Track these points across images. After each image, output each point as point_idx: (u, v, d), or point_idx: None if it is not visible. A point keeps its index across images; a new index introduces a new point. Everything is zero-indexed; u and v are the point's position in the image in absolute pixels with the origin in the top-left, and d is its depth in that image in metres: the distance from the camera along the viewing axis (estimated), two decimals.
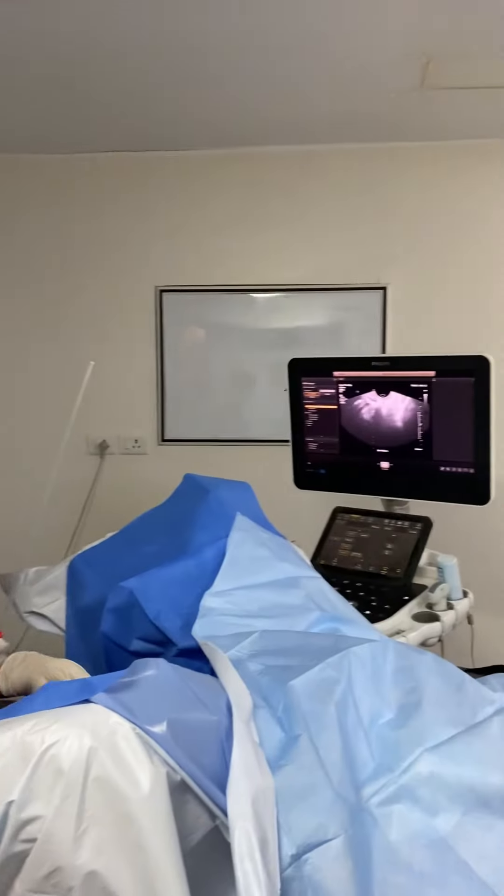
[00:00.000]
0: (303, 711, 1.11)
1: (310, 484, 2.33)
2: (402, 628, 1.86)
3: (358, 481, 2.25)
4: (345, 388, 2.24)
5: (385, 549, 2.12)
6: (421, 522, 2.13)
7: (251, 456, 2.98)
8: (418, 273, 2.91)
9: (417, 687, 1.20)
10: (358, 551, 2.14)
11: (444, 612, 1.92)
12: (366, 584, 2.03)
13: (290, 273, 2.96)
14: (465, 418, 2.03)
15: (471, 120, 2.67)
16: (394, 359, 2.16)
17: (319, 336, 2.98)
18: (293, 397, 2.32)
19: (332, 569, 2.12)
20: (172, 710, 0.98)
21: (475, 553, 2.57)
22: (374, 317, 2.95)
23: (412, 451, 2.14)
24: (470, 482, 2.05)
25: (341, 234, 2.93)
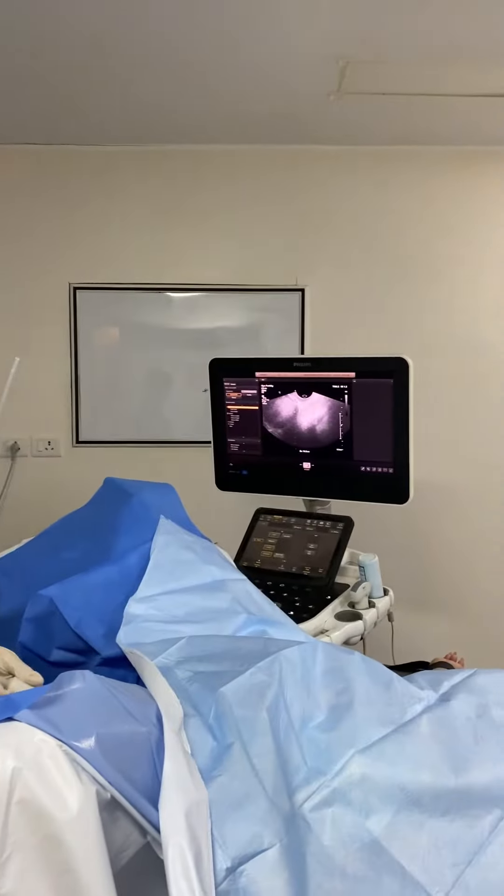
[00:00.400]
0: (234, 718, 1.09)
1: (232, 485, 2.32)
2: (326, 628, 1.87)
3: (280, 482, 2.26)
4: (267, 389, 2.24)
5: (307, 549, 2.13)
6: (342, 522, 2.15)
7: (172, 457, 2.95)
8: (336, 275, 2.95)
9: (348, 687, 1.21)
10: (281, 552, 2.15)
11: (366, 611, 1.95)
12: (289, 585, 2.03)
13: (208, 273, 2.94)
14: (385, 419, 2.06)
15: (385, 126, 2.72)
16: (315, 360, 2.18)
17: (238, 337, 2.98)
18: (214, 398, 2.30)
19: (255, 570, 2.11)
20: (101, 724, 0.95)
21: (395, 551, 2.63)
22: (292, 318, 2.97)
23: (333, 451, 2.16)
24: (389, 482, 2.08)
25: (259, 235, 2.94)
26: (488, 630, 2.95)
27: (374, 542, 2.29)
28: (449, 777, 1.08)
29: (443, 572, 2.98)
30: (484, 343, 2.96)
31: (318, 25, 2.00)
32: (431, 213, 2.94)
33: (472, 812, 1.05)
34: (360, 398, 2.10)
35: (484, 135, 2.80)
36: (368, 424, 2.10)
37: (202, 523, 1.79)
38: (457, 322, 2.96)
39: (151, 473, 2.19)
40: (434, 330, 2.95)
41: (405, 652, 2.20)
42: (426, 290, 2.95)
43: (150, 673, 1.17)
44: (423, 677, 1.31)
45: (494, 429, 2.98)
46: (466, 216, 2.94)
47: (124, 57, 2.19)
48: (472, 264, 2.95)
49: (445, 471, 2.95)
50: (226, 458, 2.32)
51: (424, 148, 2.92)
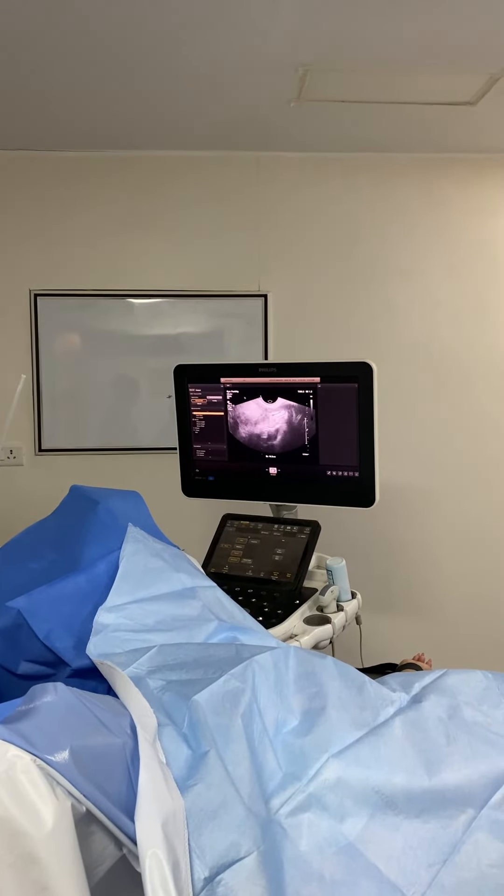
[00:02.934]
0: (209, 726, 1.09)
1: (198, 491, 2.32)
2: (295, 632, 1.88)
3: (247, 487, 2.26)
4: (232, 395, 2.24)
5: (275, 554, 2.13)
6: (309, 527, 2.16)
7: (138, 464, 2.93)
8: (299, 281, 2.96)
9: (321, 692, 1.21)
10: (248, 558, 2.15)
11: (335, 614, 1.96)
12: (257, 591, 2.04)
13: (169, 279, 2.94)
14: (350, 423, 2.08)
15: (346, 133, 2.75)
16: (280, 365, 2.18)
17: (202, 342, 2.98)
18: (180, 404, 2.29)
19: (223, 576, 2.11)
20: (74, 737, 0.93)
21: (362, 554, 2.65)
22: (255, 323, 2.98)
23: (300, 456, 2.17)
24: (355, 485, 2.10)
25: (221, 241, 2.94)
26: (455, 630, 2.99)
27: (342, 546, 2.30)
28: (423, 778, 1.09)
29: (409, 574, 3.01)
30: (442, 347, 3.00)
31: (277, 32, 2.02)
32: (392, 220, 2.97)
33: (446, 812, 1.06)
34: (325, 403, 2.11)
35: (443, 142, 2.85)
36: (334, 429, 2.11)
37: (170, 530, 1.78)
38: (417, 327, 2.99)
39: (117, 481, 2.18)
40: (395, 335, 2.98)
41: (374, 654, 2.22)
42: (388, 296, 2.98)
43: (122, 683, 1.16)
44: (394, 679, 1.33)
45: (455, 431, 3.03)
46: (427, 223, 2.98)
47: (80, 62, 2.17)
48: (431, 270, 2.99)
49: (410, 474, 2.99)
50: (192, 465, 2.31)
51: (385, 155, 2.95)
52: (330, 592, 1.97)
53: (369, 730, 1.17)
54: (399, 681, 1.31)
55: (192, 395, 2.28)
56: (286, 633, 1.87)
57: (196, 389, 2.27)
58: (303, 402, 2.14)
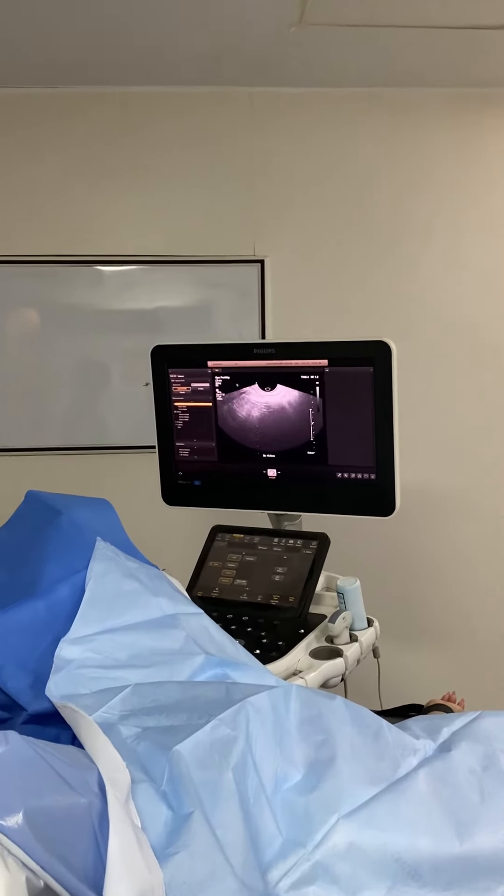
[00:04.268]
0: (193, 782, 1.09)
1: (182, 499, 2.32)
2: (300, 668, 1.88)
3: (240, 494, 2.26)
4: (222, 382, 2.24)
5: (275, 574, 2.14)
6: (316, 540, 2.16)
7: (108, 466, 2.94)
8: (301, 243, 2.96)
9: (329, 740, 1.22)
10: (243, 578, 2.15)
11: (347, 646, 1.96)
12: (254, 618, 2.04)
13: (147, 242, 2.94)
14: (365, 415, 2.08)
15: (354, 63, 2.75)
16: (280, 345, 2.18)
17: (186, 319, 2.98)
18: (158, 393, 2.30)
19: (212, 601, 2.11)
20: (29, 797, 0.94)
21: (379, 573, 2.64)
22: (250, 295, 2.98)
23: (304, 455, 2.17)
24: (372, 490, 2.10)
25: (208, 196, 2.94)
26: (492, 664, 2.99)
27: (355, 564, 2.30)
28: (452, 843, 1.10)
29: (437, 597, 3.02)
30: (473, 321, 3.00)
31: None
32: (414, 168, 2.97)
33: (481, 884, 1.07)
34: (335, 390, 2.11)
35: (473, 74, 2.84)
36: (345, 422, 2.11)
37: (146, 546, 1.79)
38: (443, 298, 2.99)
39: (83, 486, 2.17)
40: (418, 307, 2.98)
41: (394, 694, 2.22)
42: (409, 261, 2.99)
43: (88, 731, 1.16)
44: (417, 724, 1.34)
45: (490, 423, 3.02)
46: (455, 171, 2.98)
47: None
48: (459, 229, 2.99)
49: (437, 475, 2.99)
50: (174, 467, 2.31)
51: (404, 90, 2.95)
52: (341, 619, 1.98)
53: (388, 785, 1.17)
54: (424, 725, 1.32)
55: (173, 383, 2.28)
56: (288, 669, 1.88)
57: (178, 375, 2.27)
58: (308, 389, 2.14)
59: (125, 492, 2.29)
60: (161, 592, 1.57)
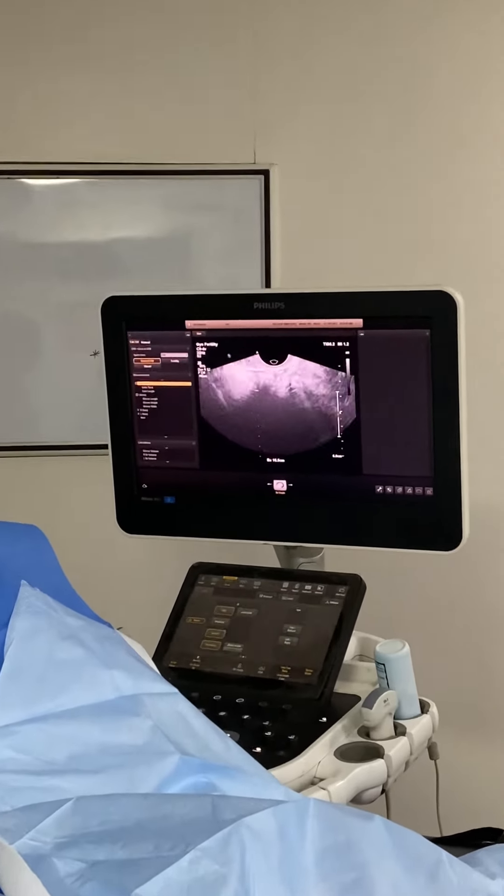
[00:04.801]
0: None
1: (147, 523, 2.33)
2: (321, 774, 1.88)
3: (233, 517, 2.27)
4: (206, 351, 2.23)
5: (284, 635, 2.13)
6: (345, 586, 2.15)
7: (36, 476, 2.96)
8: (321, 148, 2.97)
9: (362, 880, 1.22)
10: (237, 642, 2.15)
11: (391, 742, 1.95)
12: (253, 700, 2.04)
13: (98, 144, 2.95)
14: (417, 402, 2.08)
15: None
16: (292, 297, 2.18)
17: (154, 257, 2.98)
18: (112, 368, 2.30)
19: (191, 675, 2.12)
20: None
21: (437, 634, 2.64)
22: (248, 222, 2.99)
23: (327, 460, 2.17)
24: (427, 512, 2.10)
25: (190, 79, 2.95)
26: None
27: (401, 620, 2.31)
28: None
29: None
30: None
31: None
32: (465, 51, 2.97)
33: None
34: (373, 364, 2.11)
35: None
36: (388, 411, 2.12)
37: (96, 593, 1.78)
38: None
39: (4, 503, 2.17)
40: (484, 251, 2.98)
41: (459, 812, 2.22)
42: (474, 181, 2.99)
43: (8, 866, 1.15)
44: (490, 855, 1.34)
45: None
46: None
47: None
48: None
49: None
50: (135, 476, 2.32)
51: None
52: (382, 703, 1.98)
53: None
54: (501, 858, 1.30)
55: (134, 353, 2.28)
56: (304, 776, 1.87)
57: (142, 342, 2.27)
58: (333, 363, 2.13)
59: (63, 513, 2.28)
60: (115, 663, 1.57)
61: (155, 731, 1.48)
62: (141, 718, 1.49)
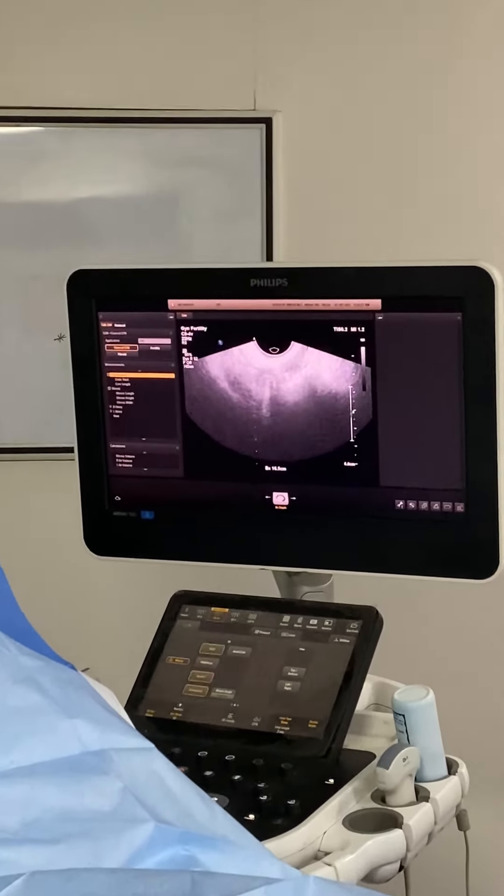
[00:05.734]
0: None
1: (120, 543, 2.35)
2: (327, 847, 1.89)
3: (225, 536, 2.29)
4: (193, 336, 2.26)
5: (284, 679, 2.16)
6: (357, 620, 2.18)
7: None
8: (335, 90, 3.00)
9: None
10: (227, 687, 2.17)
11: (411, 809, 1.96)
12: (246, 757, 2.04)
13: (65, 86, 2.99)
14: (446, 398, 2.11)
15: None
16: (298, 273, 2.21)
17: (131, 221, 3.02)
18: (79, 355, 2.33)
19: (171, 726, 2.14)
20: None
21: (467, 679, 2.64)
22: (246, 181, 3.03)
23: (338, 469, 2.20)
24: (458, 533, 2.13)
25: (178, 12, 2.98)
26: None
27: (425, 662, 2.32)
28: None
29: None
30: None
31: None
32: None
33: None
34: (394, 354, 2.14)
35: None
36: (410, 410, 2.14)
37: (57, 627, 1.83)
38: None
39: None
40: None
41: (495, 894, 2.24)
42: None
43: None
44: None
45: None
46: None
47: None
48: None
49: None
50: (106, 486, 2.35)
51: None
52: (401, 762, 1.98)
53: None
54: None
55: (107, 338, 2.31)
56: (307, 849, 1.88)
57: (117, 324, 2.30)
58: (346, 352, 2.16)
59: (19, 529, 2.31)
60: (79, 711, 1.55)
61: (125, 794, 1.46)
62: (109, 778, 1.46)
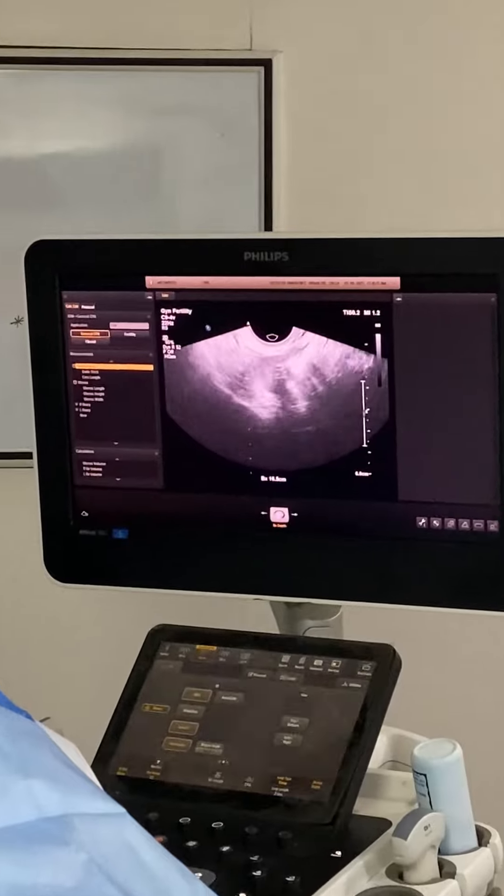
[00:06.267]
0: None
1: (88, 568, 2.35)
2: None
3: (212, 558, 2.28)
4: (176, 320, 2.25)
5: (283, 731, 2.14)
6: (370, 661, 2.15)
7: None
8: (345, 26, 3.02)
9: None
10: (215, 739, 2.15)
11: (434, 887, 1.94)
12: (236, 825, 2.02)
13: (27, 21, 2.99)
14: (476, 396, 2.11)
15: None
16: (300, 244, 2.22)
17: (104, 181, 3.04)
18: (39, 342, 2.32)
19: (149, 787, 2.12)
20: None
21: (502, 734, 2.63)
22: (242, 134, 3.04)
23: (346, 479, 2.19)
24: (489, 556, 2.12)
25: None
26: None
27: (451, 711, 2.30)
28: None
29: None
30: None
31: None
32: None
33: None
34: (414, 343, 2.13)
35: None
36: (434, 410, 2.14)
37: (13, 666, 1.80)
38: None
39: None
40: None
41: None
42: None
43: None
44: None
45: None
46: None
47: None
48: None
49: None
50: (71, 499, 2.34)
51: None
52: (422, 831, 1.97)
53: None
54: None
55: (72, 321, 2.30)
56: None
57: (84, 305, 2.30)
58: (357, 340, 2.15)
59: None
60: (36, 769, 1.55)
61: (91, 868, 1.47)
62: (71, 850, 1.48)
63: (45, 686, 1.96)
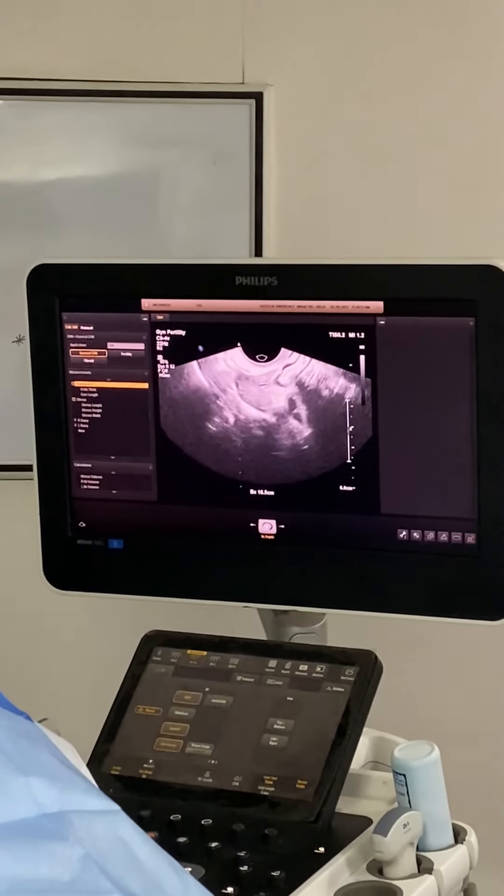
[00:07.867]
0: None
1: (85, 576, 2.35)
2: None
3: (202, 568, 2.28)
4: (170, 341, 2.26)
5: (270, 732, 2.14)
6: (353, 666, 2.15)
7: None
8: (334, 61, 3.01)
9: None
10: (204, 741, 2.15)
11: (412, 882, 1.94)
12: (225, 822, 2.03)
13: (27, 54, 2.99)
14: (456, 414, 2.11)
15: None
16: (289, 270, 2.21)
17: (101, 207, 3.02)
18: (40, 361, 2.32)
19: (141, 786, 2.12)
20: None
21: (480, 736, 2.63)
22: (233, 164, 3.03)
23: (333, 494, 2.19)
24: (468, 567, 2.12)
25: None
26: None
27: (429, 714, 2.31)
28: None
29: None
30: None
31: None
32: None
33: None
34: (397, 364, 2.14)
35: None
36: (416, 428, 2.15)
37: (12, 671, 1.80)
38: None
39: None
40: None
41: None
42: None
43: None
44: None
45: None
46: None
47: None
48: None
49: None
50: (69, 510, 2.34)
51: None
52: (401, 829, 1.97)
53: None
54: None
55: (71, 341, 2.31)
56: None
57: (83, 327, 2.30)
58: (342, 361, 2.16)
59: None
60: (35, 768, 1.55)
61: (87, 862, 1.47)
62: (68, 844, 1.47)
63: (43, 689, 1.97)
